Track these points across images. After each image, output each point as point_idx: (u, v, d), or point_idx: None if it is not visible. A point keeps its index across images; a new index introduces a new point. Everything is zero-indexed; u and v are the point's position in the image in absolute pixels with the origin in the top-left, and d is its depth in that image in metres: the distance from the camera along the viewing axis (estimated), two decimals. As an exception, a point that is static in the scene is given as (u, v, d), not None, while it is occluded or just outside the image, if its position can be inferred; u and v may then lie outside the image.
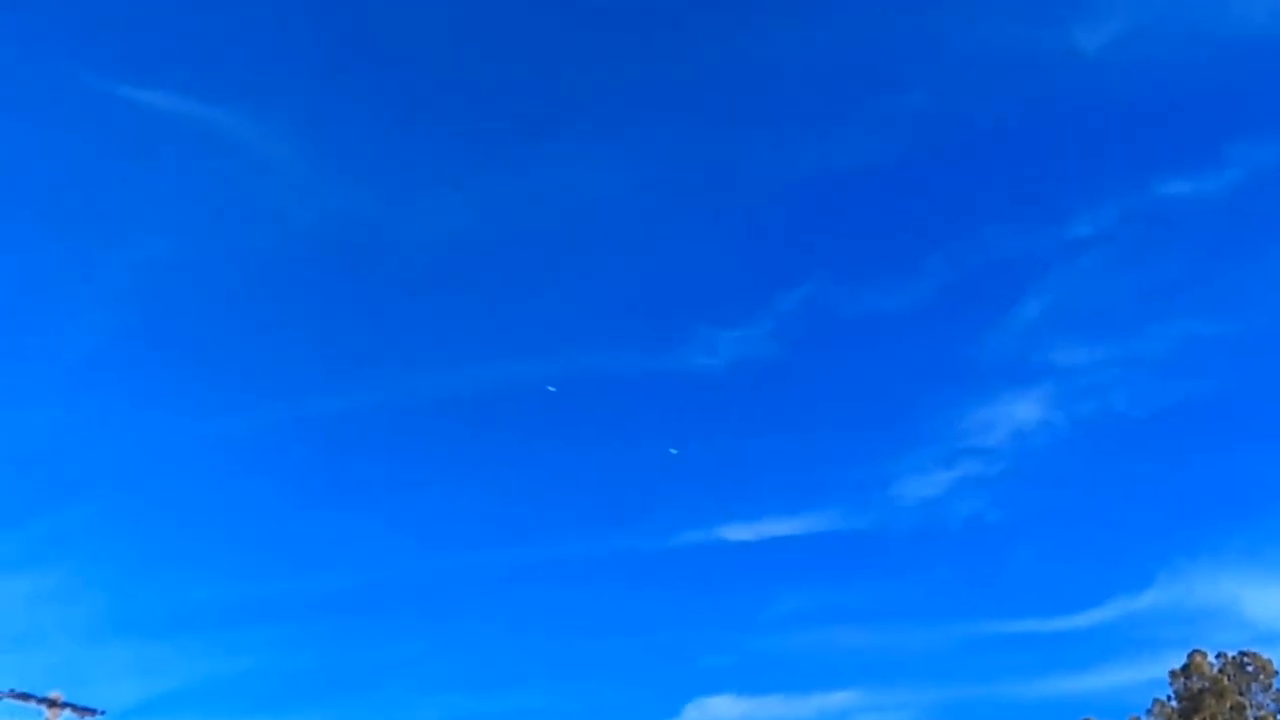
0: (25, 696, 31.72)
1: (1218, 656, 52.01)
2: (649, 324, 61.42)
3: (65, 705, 32.34)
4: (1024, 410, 61.91)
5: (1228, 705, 48.73)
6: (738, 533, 60.01)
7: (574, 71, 61.40)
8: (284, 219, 56.80)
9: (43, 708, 31.97)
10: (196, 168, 54.61)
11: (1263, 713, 48.87)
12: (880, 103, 59.25)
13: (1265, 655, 51.02)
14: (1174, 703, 51.50)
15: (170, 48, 53.72)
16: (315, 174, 55.66)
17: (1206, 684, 50.07)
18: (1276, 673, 50.34)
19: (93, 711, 32.75)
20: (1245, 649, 51.97)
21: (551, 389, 58.95)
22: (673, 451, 60.14)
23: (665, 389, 63.04)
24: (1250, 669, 50.80)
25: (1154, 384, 64.17)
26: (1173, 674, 52.28)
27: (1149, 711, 51.34)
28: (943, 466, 61.69)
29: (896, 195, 60.28)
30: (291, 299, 57.64)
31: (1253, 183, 65.92)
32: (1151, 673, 52.41)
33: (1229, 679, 49.96)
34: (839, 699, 56.37)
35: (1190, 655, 52.22)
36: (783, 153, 62.64)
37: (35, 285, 53.74)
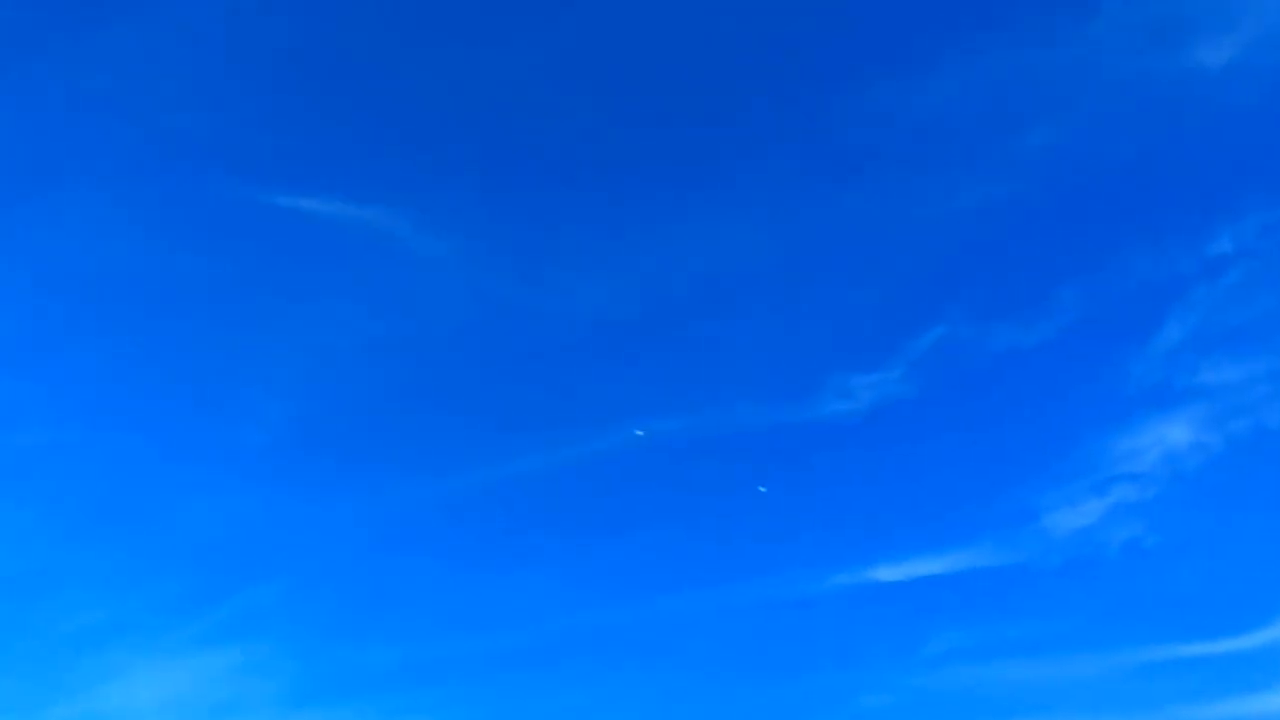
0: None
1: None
2: (784, 375, 62.35)
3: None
4: (1175, 433, 60.58)
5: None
6: (888, 573, 60.13)
7: (698, 133, 61.45)
8: (436, 306, 58.64)
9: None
10: (352, 264, 55.95)
11: None
12: (1003, 141, 59.17)
13: None
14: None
15: (322, 154, 54.70)
16: (463, 261, 57.77)
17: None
18: None
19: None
20: None
21: (640, 433, 58.28)
22: (761, 489, 59.99)
23: (805, 437, 63.67)
24: None
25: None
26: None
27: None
28: (1094, 495, 60.85)
29: (1025, 230, 59.72)
30: (449, 379, 59.81)
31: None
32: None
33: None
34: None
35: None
36: (908, 197, 62.28)
37: (212, 384, 55.79)
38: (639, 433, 59.31)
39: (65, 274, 53.07)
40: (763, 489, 57.99)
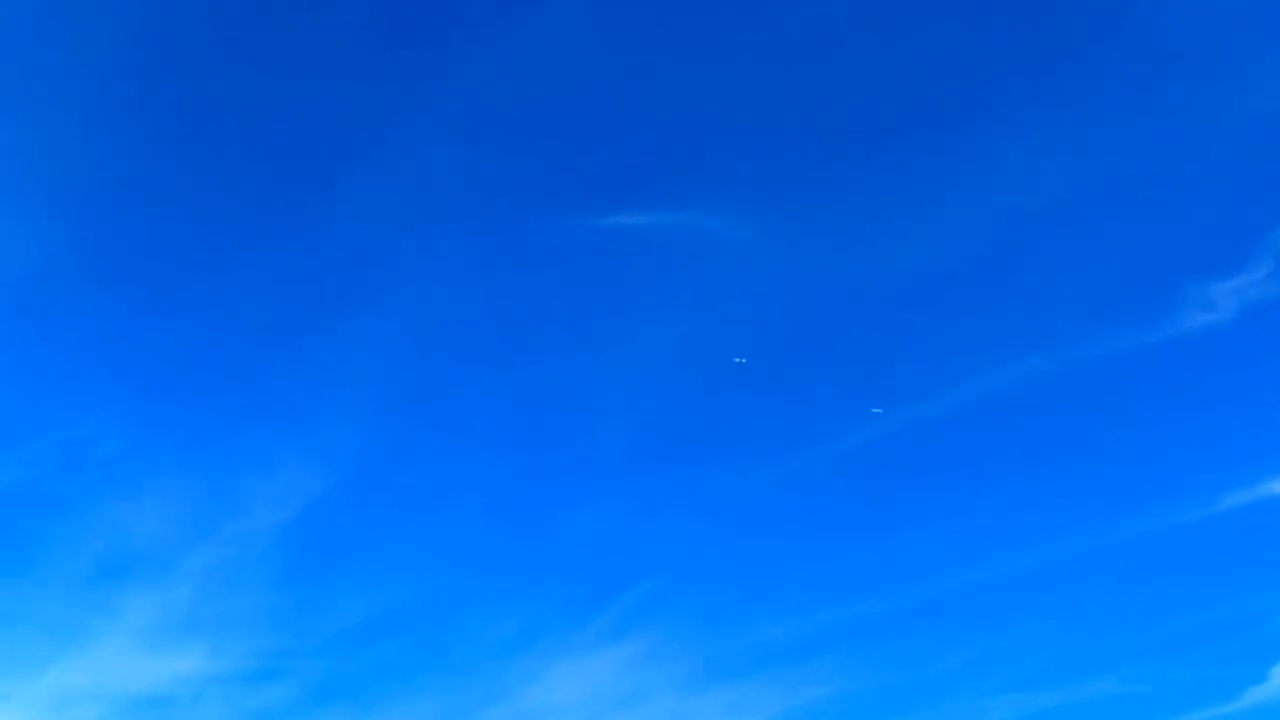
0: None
1: None
2: (1136, 293, 59.82)
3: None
4: None
5: None
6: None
7: (1011, 55, 60.30)
8: (757, 291, 60.30)
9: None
10: (674, 267, 58.78)
11: None
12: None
13: None
14: None
15: (629, 171, 58.04)
16: (776, 244, 59.30)
17: None
18: None
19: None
20: None
21: (740, 360, 57.17)
22: (739, 360, 57.53)
23: (1170, 356, 60.51)
24: None
25: None
26: None
27: None
28: None
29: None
30: (780, 359, 61.37)
31: None
32: None
33: None
34: None
35: None
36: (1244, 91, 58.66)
37: (565, 401, 60.32)
38: (877, 410, 57.80)
39: (431, 314, 57.96)
40: (740, 360, 55.04)
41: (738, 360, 56.05)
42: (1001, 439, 58.36)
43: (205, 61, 55.13)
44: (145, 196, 55.88)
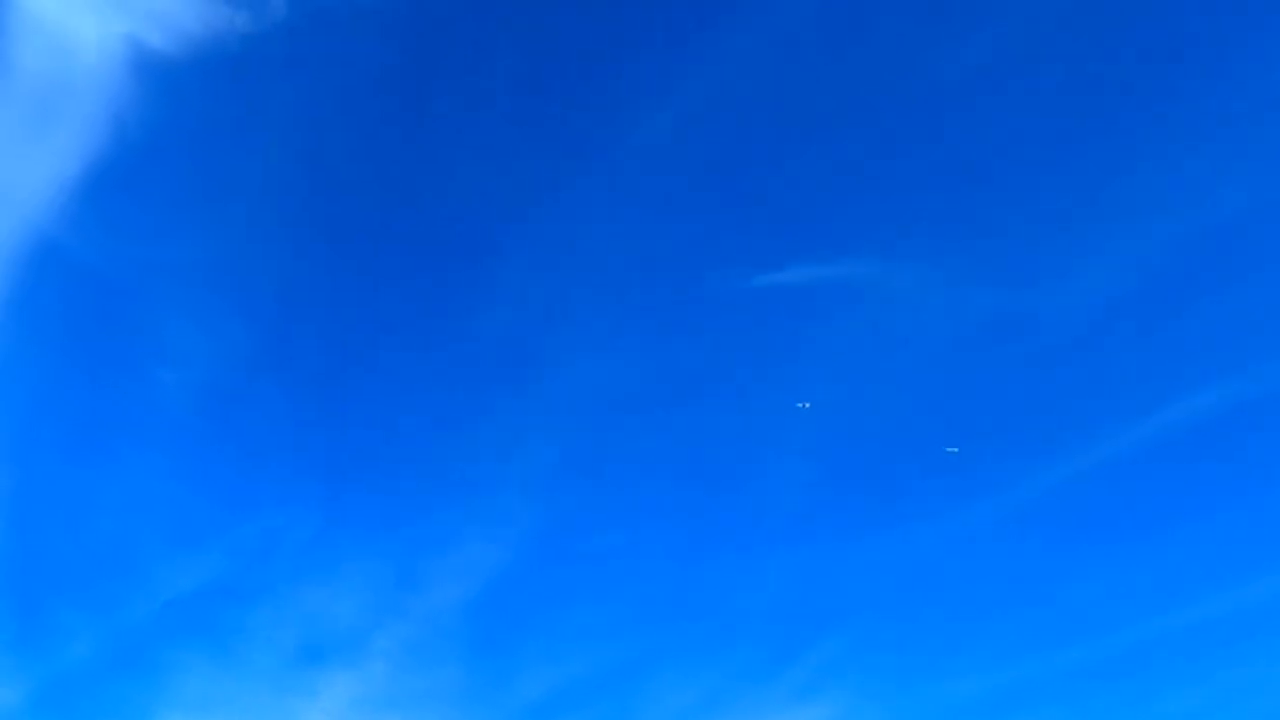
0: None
1: None
2: None
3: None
4: None
5: None
6: None
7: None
8: (931, 336, 59.49)
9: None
10: (834, 320, 58.52)
11: None
12: None
13: None
14: None
15: (795, 226, 58.41)
16: (941, 289, 58.12)
17: None
18: None
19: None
20: None
21: (804, 405, 55.33)
22: (803, 405, 54.89)
23: None
24: None
25: None
26: None
27: None
28: None
29: None
30: (966, 400, 60.25)
31: None
32: None
33: None
34: None
35: None
36: None
37: (730, 461, 60.68)
38: (803, 405, 55.87)
39: (598, 382, 58.69)
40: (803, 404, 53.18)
41: (801, 405, 55.25)
42: (1195, 473, 55.80)
43: (362, 160, 57.36)
44: (317, 293, 58.29)
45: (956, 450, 55.98)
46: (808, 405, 55.58)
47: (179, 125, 54.99)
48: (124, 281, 56.83)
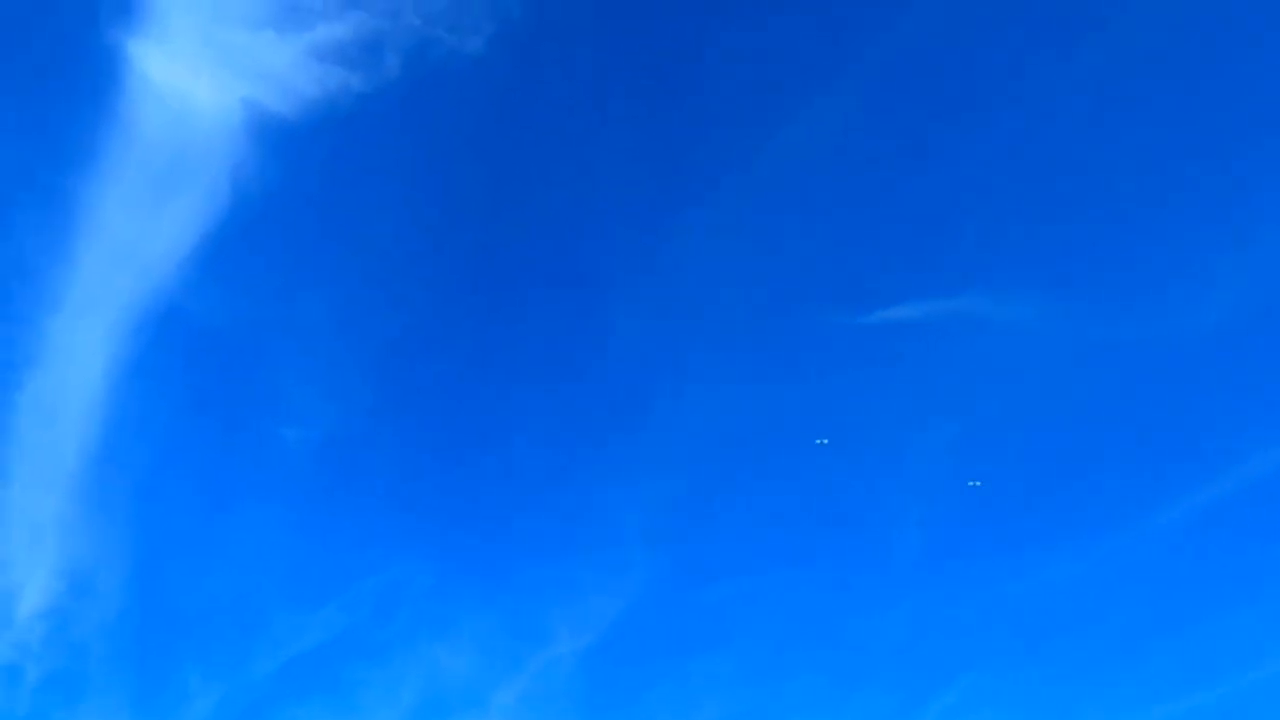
0: None
1: None
2: None
3: None
4: None
5: None
6: None
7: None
8: (1040, 373, 58.37)
9: None
10: (948, 352, 57.72)
11: None
12: None
13: None
14: None
15: (902, 262, 58.25)
16: (1046, 321, 57.19)
17: None
18: None
19: None
20: None
21: (822, 441, 53.88)
22: (821, 442, 53.29)
23: None
24: None
25: None
26: None
27: None
28: None
29: None
30: (1072, 438, 58.93)
31: None
32: None
33: None
34: None
35: None
36: None
37: (847, 502, 59.91)
38: (821, 441, 54.36)
39: (708, 426, 58.17)
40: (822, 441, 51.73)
41: (820, 442, 54.16)
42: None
43: (476, 212, 57.94)
44: (434, 347, 58.70)
45: (826, 441, 54.60)
46: (826, 442, 54.71)
47: (296, 185, 56.03)
48: (245, 341, 57.70)
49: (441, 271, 57.93)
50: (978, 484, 55.76)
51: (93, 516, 56.93)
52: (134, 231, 55.49)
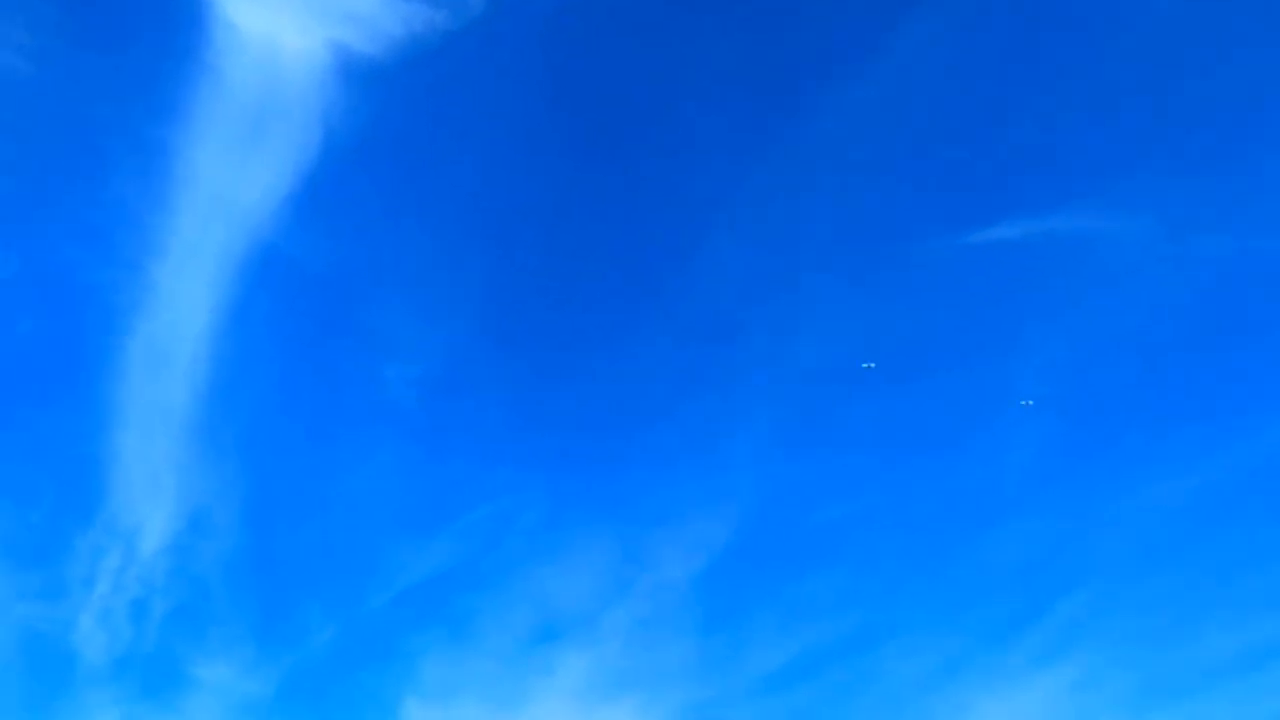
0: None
1: None
2: None
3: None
4: None
5: None
6: None
7: None
8: (1148, 287, 56.91)
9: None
10: (1056, 273, 56.76)
11: None
12: None
13: None
14: None
15: (1010, 180, 57.10)
16: (1164, 242, 55.67)
17: None
18: None
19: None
20: None
21: (868, 365, 52.24)
22: (868, 366, 51.43)
23: None
24: None
25: None
26: None
27: None
28: None
29: None
30: (1185, 355, 57.70)
31: None
32: None
33: None
34: None
35: None
36: None
37: (963, 417, 59.44)
38: (868, 365, 53.03)
39: (819, 347, 57.87)
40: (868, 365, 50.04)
41: (866, 366, 53.34)
42: None
43: (569, 148, 57.70)
44: (532, 281, 59.09)
45: (873, 365, 53.76)
46: (873, 366, 54.03)
47: (386, 125, 56.22)
48: (343, 282, 58.54)
49: (536, 202, 58.03)
50: (1029, 403, 55.20)
51: (207, 456, 58.61)
52: (229, 178, 56.21)
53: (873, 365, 53.73)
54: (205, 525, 58.81)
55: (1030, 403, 55.08)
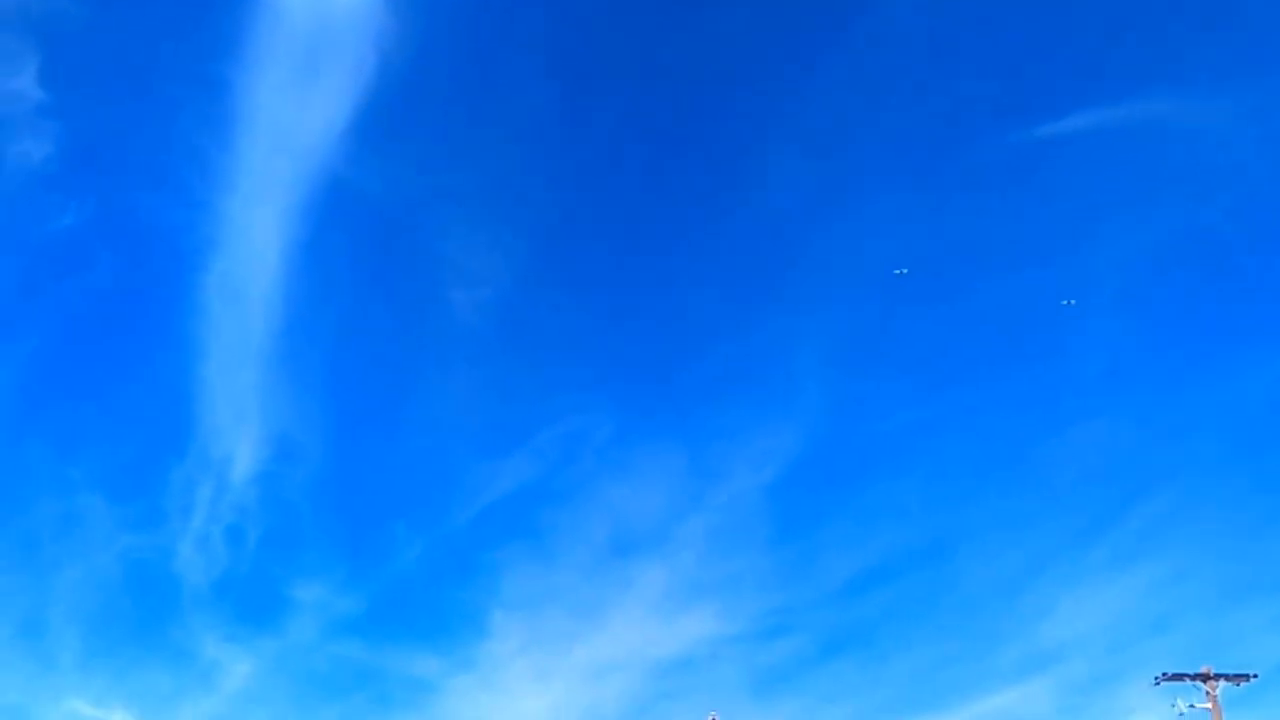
0: (1178, 676, 32.54)
1: None
2: None
3: (1218, 677, 32.64)
4: None
5: None
6: None
7: None
8: (1228, 172, 54.81)
9: (1198, 683, 32.48)
10: (1132, 162, 55.08)
11: None
12: None
13: None
14: None
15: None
16: (1241, 126, 53.63)
17: None
18: None
19: (1246, 676, 32.58)
20: None
21: (901, 271, 49.51)
22: (900, 271, 48.32)
23: None
24: None
25: None
26: None
27: None
28: None
29: None
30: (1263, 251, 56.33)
31: None
32: None
33: None
34: None
35: None
36: None
37: (1031, 318, 58.65)
38: (900, 271, 50.00)
39: (880, 252, 57.02)
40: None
41: (898, 272, 51.31)
42: None
43: (624, 70, 56.89)
44: (593, 203, 59.23)
45: (905, 271, 51.72)
46: (905, 272, 52.38)
47: (442, 54, 56.09)
48: (408, 209, 59.18)
49: (595, 124, 57.71)
50: (1071, 302, 53.50)
51: (289, 385, 60.68)
52: (290, 113, 56.72)
53: (905, 271, 52.73)
54: (291, 452, 61.16)
55: (1073, 302, 53.66)
